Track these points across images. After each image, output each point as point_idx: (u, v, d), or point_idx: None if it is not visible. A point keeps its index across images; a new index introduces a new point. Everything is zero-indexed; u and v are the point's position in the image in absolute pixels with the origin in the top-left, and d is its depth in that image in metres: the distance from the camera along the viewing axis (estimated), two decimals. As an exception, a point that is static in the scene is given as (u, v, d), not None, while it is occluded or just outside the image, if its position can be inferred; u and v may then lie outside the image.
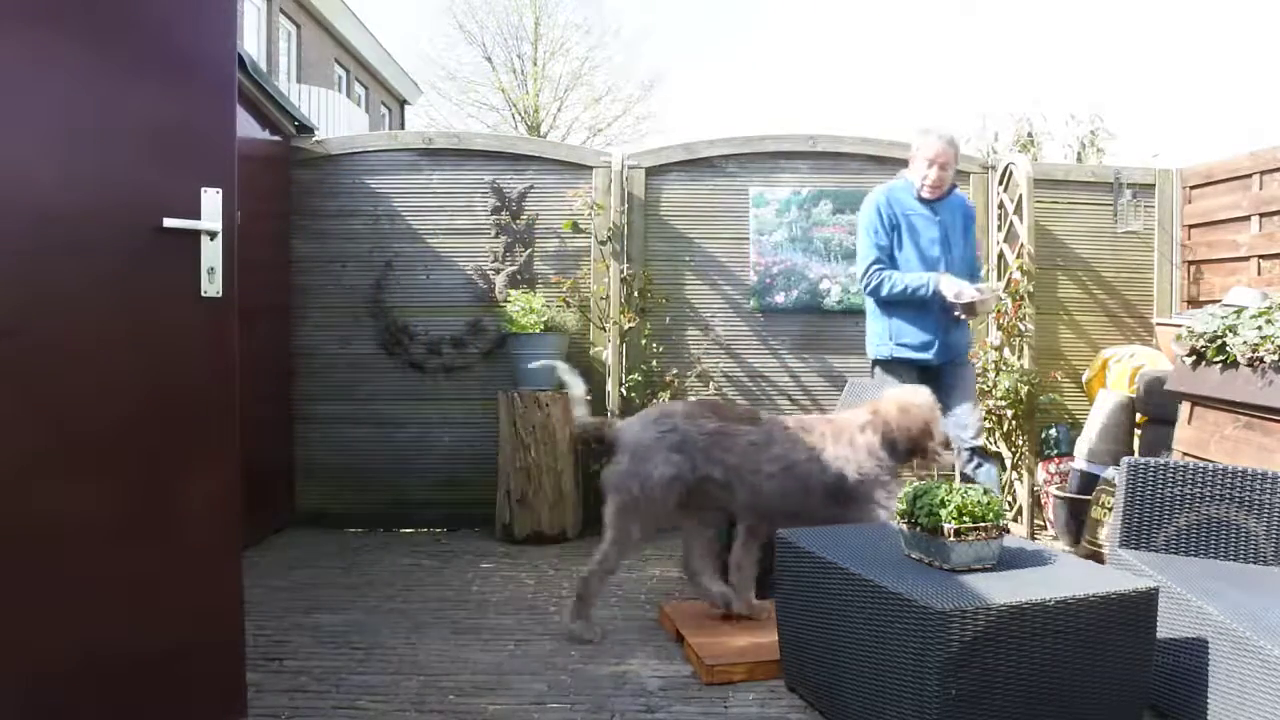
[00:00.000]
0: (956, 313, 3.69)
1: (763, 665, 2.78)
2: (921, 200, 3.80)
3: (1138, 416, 4.42)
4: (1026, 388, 4.65)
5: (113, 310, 2.03)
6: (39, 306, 1.92)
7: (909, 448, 3.14)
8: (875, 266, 3.74)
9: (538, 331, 4.59)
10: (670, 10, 32.08)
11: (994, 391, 4.69)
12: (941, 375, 3.76)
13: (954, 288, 3.63)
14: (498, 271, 4.91)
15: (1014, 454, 4.79)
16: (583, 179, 4.91)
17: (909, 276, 3.70)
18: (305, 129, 4.96)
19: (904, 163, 4.97)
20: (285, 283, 4.86)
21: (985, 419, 4.80)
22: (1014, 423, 4.74)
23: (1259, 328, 3.19)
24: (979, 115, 5.64)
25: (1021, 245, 4.72)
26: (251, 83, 4.22)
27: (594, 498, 4.72)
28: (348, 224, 4.92)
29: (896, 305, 3.75)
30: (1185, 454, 3.54)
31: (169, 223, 2.07)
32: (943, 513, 2.29)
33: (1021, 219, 4.73)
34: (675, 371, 4.89)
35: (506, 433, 4.53)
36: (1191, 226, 5.03)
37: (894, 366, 3.79)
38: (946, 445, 3.23)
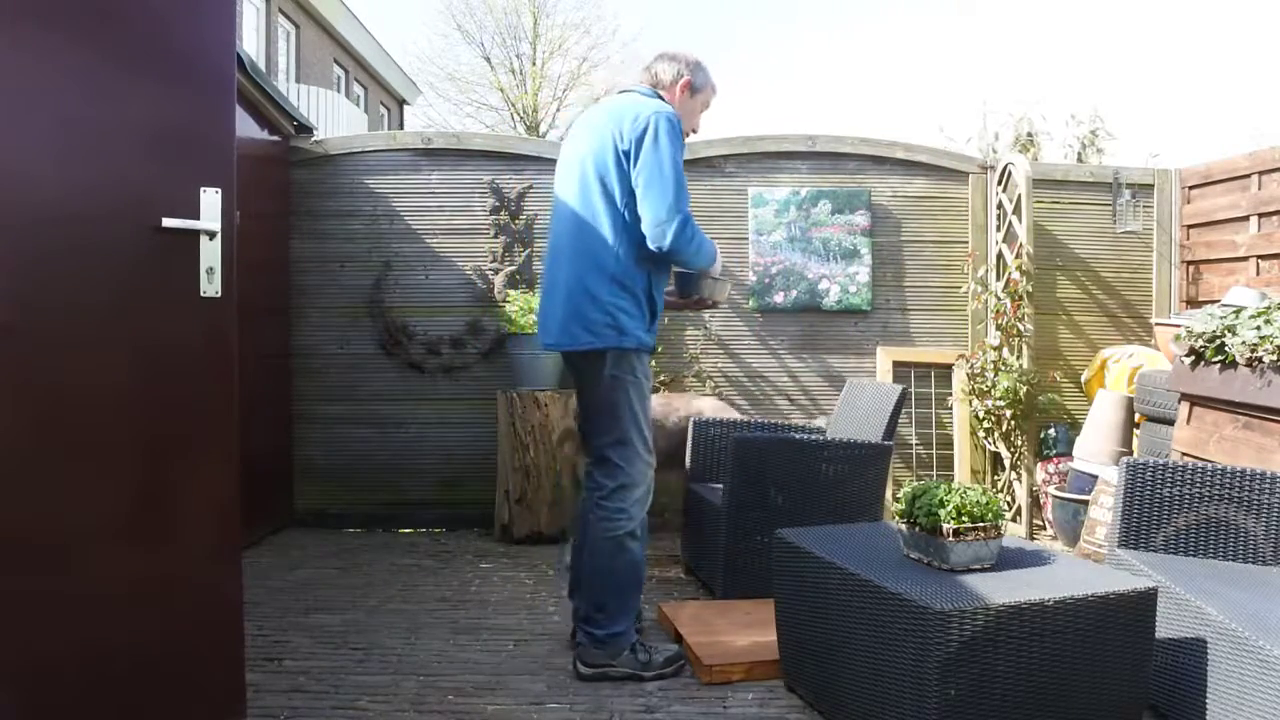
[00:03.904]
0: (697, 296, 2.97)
1: (761, 665, 2.78)
2: None
3: (1136, 416, 4.43)
4: (1025, 388, 4.65)
5: (111, 310, 2.03)
6: (37, 306, 1.92)
7: None
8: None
9: (537, 332, 4.58)
10: (669, 9, 32.10)
11: (993, 391, 4.70)
12: None
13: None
14: (497, 271, 4.91)
15: (1013, 454, 4.80)
16: (582, 179, 4.91)
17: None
18: (304, 129, 4.95)
19: (904, 164, 5.03)
20: (284, 283, 4.86)
21: (985, 418, 4.82)
22: (1013, 423, 4.74)
23: (1257, 328, 3.19)
24: (979, 115, 5.61)
25: (1020, 245, 4.72)
26: (250, 83, 4.22)
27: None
28: (346, 224, 4.93)
29: (664, 277, 2.91)
30: (1184, 454, 3.55)
31: (168, 223, 2.07)
32: (941, 513, 2.30)
33: (1020, 219, 4.74)
34: (673, 371, 4.89)
35: (505, 433, 4.53)
36: (1190, 227, 5.04)
37: (642, 359, 2.84)
38: None
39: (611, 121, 2.78)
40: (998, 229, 4.94)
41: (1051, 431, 4.94)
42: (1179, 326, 3.67)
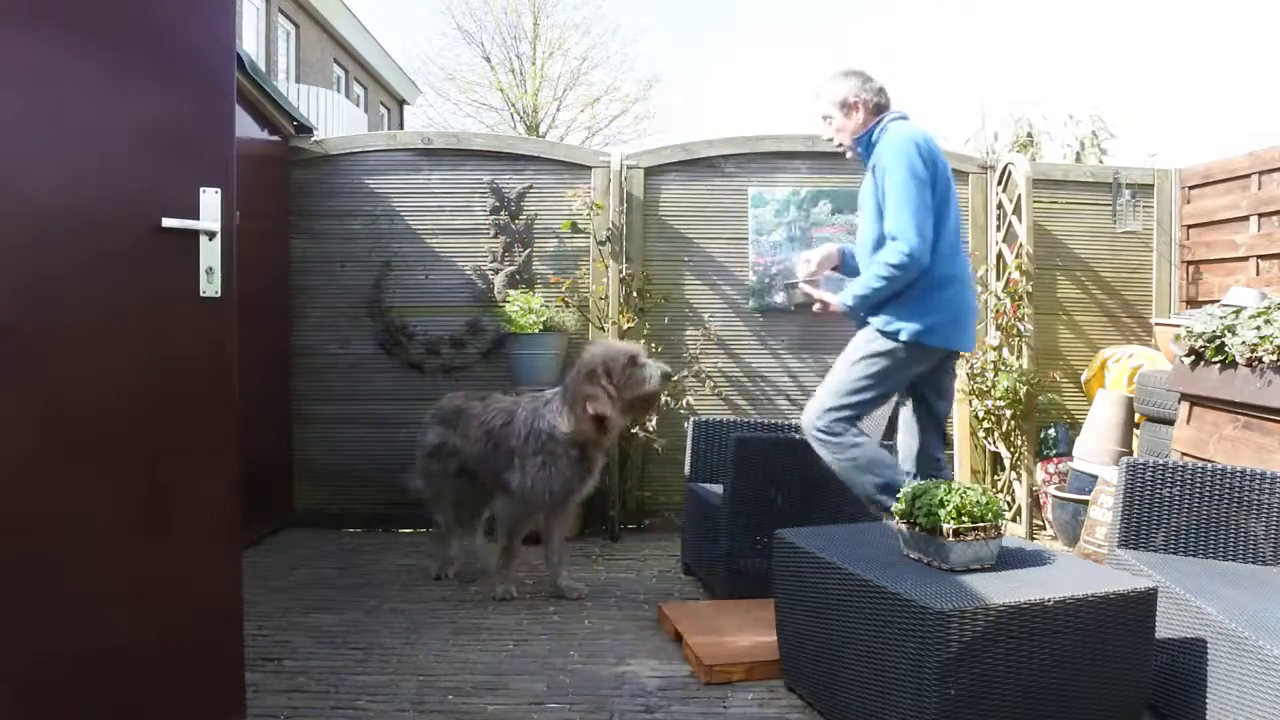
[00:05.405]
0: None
1: (762, 665, 2.78)
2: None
3: (1136, 416, 4.43)
4: (1025, 388, 4.65)
5: (111, 310, 2.03)
6: (37, 306, 1.92)
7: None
8: None
9: (536, 332, 4.59)
10: (669, 9, 32.10)
11: (993, 391, 4.70)
12: None
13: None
14: (496, 271, 4.91)
15: (1013, 454, 4.80)
16: (581, 179, 4.91)
17: None
18: (304, 129, 4.95)
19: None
20: (284, 283, 4.86)
21: (985, 418, 4.82)
22: (1013, 423, 4.74)
23: (1257, 328, 3.19)
24: (978, 115, 5.61)
25: (1020, 245, 4.72)
26: (250, 82, 4.22)
27: (592, 498, 4.73)
28: (346, 224, 4.92)
29: None
30: (1184, 454, 3.55)
31: (168, 223, 2.07)
32: (941, 513, 2.30)
33: (1020, 219, 4.74)
34: (674, 371, 4.89)
35: (505, 433, 4.52)
36: (1190, 226, 5.04)
37: None
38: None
39: None
40: (997, 229, 4.94)
41: (1051, 431, 4.94)
42: (1179, 326, 3.67)
